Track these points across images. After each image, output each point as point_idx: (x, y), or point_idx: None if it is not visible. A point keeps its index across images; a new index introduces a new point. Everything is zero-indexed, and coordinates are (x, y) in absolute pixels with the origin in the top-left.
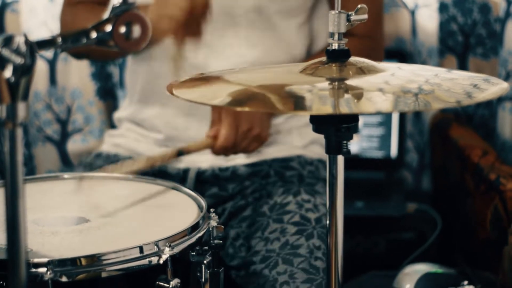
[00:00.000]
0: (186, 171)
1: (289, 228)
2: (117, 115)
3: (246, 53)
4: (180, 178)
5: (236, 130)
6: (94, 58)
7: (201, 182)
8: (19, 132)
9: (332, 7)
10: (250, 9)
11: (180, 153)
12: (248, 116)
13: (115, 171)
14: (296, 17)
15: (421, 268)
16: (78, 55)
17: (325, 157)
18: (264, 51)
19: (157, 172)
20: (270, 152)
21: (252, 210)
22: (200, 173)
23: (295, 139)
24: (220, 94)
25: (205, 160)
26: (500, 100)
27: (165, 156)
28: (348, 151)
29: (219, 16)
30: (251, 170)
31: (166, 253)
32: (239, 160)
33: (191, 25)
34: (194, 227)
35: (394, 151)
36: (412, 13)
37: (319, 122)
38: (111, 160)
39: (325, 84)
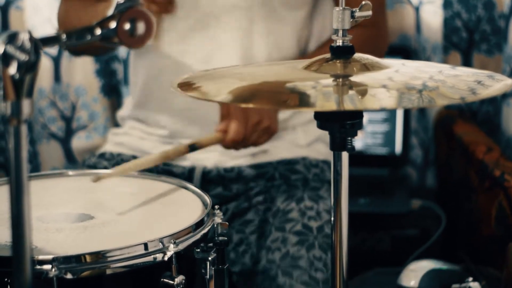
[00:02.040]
0: (191, 170)
1: (290, 238)
2: (120, 113)
3: (251, 46)
4: (185, 177)
5: (245, 124)
6: (91, 53)
7: (206, 181)
8: (24, 129)
9: (335, 2)
10: (254, 2)
11: (192, 147)
12: (257, 109)
13: (128, 169)
14: (300, 9)
15: (425, 265)
16: (77, 52)
17: (330, 157)
18: (268, 44)
19: (162, 171)
20: (275, 153)
21: (255, 214)
22: (206, 173)
23: (300, 136)
24: (223, 91)
25: (210, 159)
26: (505, 96)
27: (177, 151)
28: (353, 148)
29: (222, 8)
30: (256, 172)
31: (171, 250)
32: (244, 160)
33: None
34: (199, 224)
35: (398, 147)
36: (417, 9)
37: (323, 119)
38: (115, 160)
39: (330, 81)
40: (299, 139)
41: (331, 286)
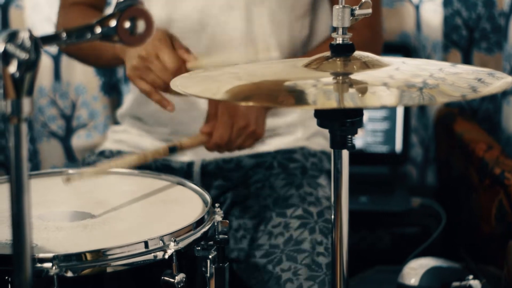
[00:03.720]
0: (190, 164)
1: (292, 223)
2: (120, 111)
3: (250, 46)
4: (184, 172)
5: (231, 128)
6: (88, 62)
7: (206, 174)
8: (24, 128)
9: (332, 2)
10: (250, 2)
11: (173, 149)
12: (244, 112)
13: (106, 168)
14: (297, 10)
15: (425, 263)
16: (72, 55)
17: (329, 148)
18: (268, 44)
19: (161, 166)
20: (274, 144)
21: (255, 201)
22: (205, 166)
23: (299, 131)
24: (223, 89)
25: (209, 152)
26: (505, 94)
27: (156, 152)
28: (353, 146)
29: (219, 8)
30: (255, 161)
31: (171, 248)
32: (243, 151)
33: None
34: (199, 222)
35: (398, 145)
36: (417, 7)
37: (324, 117)
38: (115, 157)
39: (330, 79)
40: (298, 134)
41: (331, 285)
